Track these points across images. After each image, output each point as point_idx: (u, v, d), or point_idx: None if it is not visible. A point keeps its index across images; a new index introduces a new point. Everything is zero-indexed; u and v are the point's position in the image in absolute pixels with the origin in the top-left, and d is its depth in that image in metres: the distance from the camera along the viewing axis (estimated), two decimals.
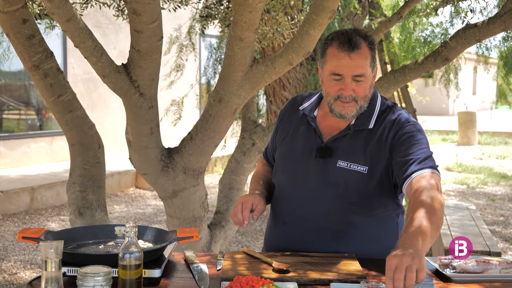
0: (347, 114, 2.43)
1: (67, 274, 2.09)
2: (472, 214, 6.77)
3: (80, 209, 4.08)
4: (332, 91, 2.42)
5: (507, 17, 3.46)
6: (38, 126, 11.27)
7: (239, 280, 2.00)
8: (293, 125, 2.64)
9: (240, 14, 3.48)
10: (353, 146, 2.46)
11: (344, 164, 2.44)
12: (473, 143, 18.37)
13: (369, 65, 2.39)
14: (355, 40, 2.36)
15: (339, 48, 2.36)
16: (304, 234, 2.52)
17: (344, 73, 2.36)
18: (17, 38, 3.72)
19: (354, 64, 2.35)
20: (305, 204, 2.51)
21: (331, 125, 2.52)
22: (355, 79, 2.37)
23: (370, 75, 2.41)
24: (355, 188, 2.44)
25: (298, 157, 2.55)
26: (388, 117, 2.48)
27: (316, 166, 2.49)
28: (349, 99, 2.39)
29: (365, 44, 2.38)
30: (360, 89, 2.39)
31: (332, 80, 2.40)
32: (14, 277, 5.76)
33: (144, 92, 3.71)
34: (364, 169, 2.42)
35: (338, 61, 2.36)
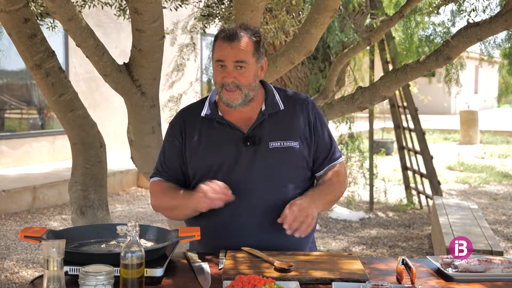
0: (232, 102, 2.55)
1: (69, 273, 2.09)
2: (474, 213, 6.76)
3: (82, 208, 4.08)
4: (218, 79, 2.56)
5: (509, 15, 3.46)
6: (40, 126, 11.28)
7: (241, 279, 2.00)
8: (202, 130, 2.65)
9: (241, 13, 3.48)
10: (277, 127, 2.62)
11: (276, 143, 2.59)
12: (475, 142, 18.35)
13: (251, 55, 2.54)
14: (237, 32, 2.54)
15: (223, 39, 2.54)
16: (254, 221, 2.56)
17: (225, 59, 2.52)
18: (19, 37, 3.72)
19: (234, 51, 2.51)
20: (252, 193, 2.55)
21: (240, 117, 2.63)
22: (236, 65, 2.52)
23: (254, 64, 2.56)
24: (294, 165, 2.62)
25: (227, 150, 2.59)
26: (289, 96, 2.71)
27: (249, 153, 2.58)
28: (233, 86, 2.53)
29: (247, 35, 2.55)
30: (242, 77, 2.53)
31: (217, 68, 2.55)
32: (16, 276, 5.77)
33: (145, 91, 3.71)
34: (296, 144, 2.60)
35: (221, 49, 2.54)
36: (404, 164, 9.60)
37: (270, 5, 5.16)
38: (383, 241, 7.22)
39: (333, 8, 3.66)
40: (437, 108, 29.11)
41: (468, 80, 28.96)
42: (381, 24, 5.23)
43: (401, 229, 7.88)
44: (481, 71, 31.50)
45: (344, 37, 7.28)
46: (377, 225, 8.06)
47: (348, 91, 8.68)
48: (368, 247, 6.98)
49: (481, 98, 33.59)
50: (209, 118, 2.64)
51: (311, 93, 7.76)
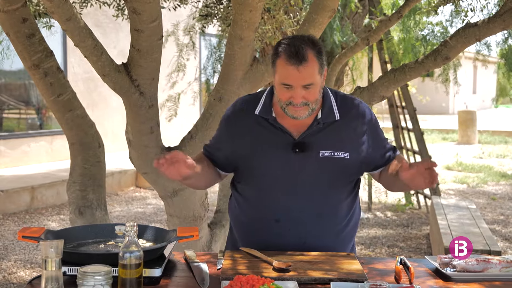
0: (299, 116, 2.51)
1: (67, 273, 2.09)
2: (472, 213, 6.77)
3: (80, 208, 4.08)
4: (283, 98, 2.49)
5: (507, 16, 3.46)
6: (38, 125, 11.27)
7: (239, 279, 2.00)
8: (253, 128, 2.62)
9: (240, 13, 3.48)
10: (330, 137, 2.58)
11: (327, 153, 2.56)
12: (473, 142, 18.36)
13: (317, 73, 2.47)
14: (302, 51, 2.42)
15: (287, 61, 2.43)
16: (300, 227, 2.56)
17: (293, 84, 2.44)
18: (17, 37, 3.72)
19: (302, 76, 2.43)
20: (297, 199, 2.55)
21: (294, 123, 2.58)
22: (304, 87, 2.45)
23: (319, 80, 2.49)
24: (341, 175, 2.59)
25: (276, 155, 2.57)
26: (350, 106, 2.66)
27: (298, 160, 2.55)
28: (301, 105, 2.48)
29: (312, 54, 2.45)
30: (310, 95, 2.48)
31: (283, 88, 2.47)
32: (14, 276, 5.77)
33: (144, 91, 3.71)
34: (346, 155, 2.56)
35: (286, 73, 2.44)
36: None
37: (268, 5, 5.16)
38: (381, 241, 7.23)
39: (331, 8, 3.66)
40: (435, 108, 29.13)
41: (467, 80, 28.97)
42: (380, 24, 5.24)
43: (400, 229, 7.88)
44: (479, 71, 31.51)
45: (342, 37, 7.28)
46: (375, 225, 8.06)
47: (347, 91, 8.69)
48: (367, 247, 6.98)
49: (479, 98, 33.61)
50: (261, 117, 2.61)
51: None
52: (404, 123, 9.36)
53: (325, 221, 2.58)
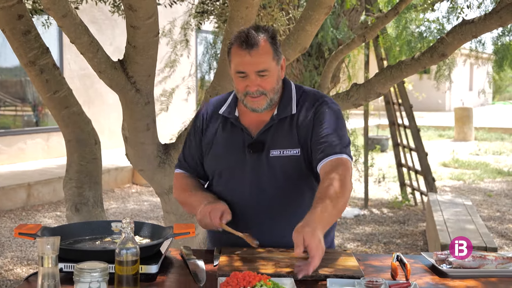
0: (258, 108, 2.50)
1: (63, 270, 2.09)
2: (469, 210, 6.78)
3: (77, 205, 4.07)
4: (240, 88, 2.49)
5: (503, 12, 3.46)
6: (35, 122, 11.25)
7: (235, 276, 1.99)
8: (218, 128, 2.65)
9: (236, 9, 3.48)
10: (281, 134, 2.53)
11: (276, 152, 2.51)
12: (469, 139, 18.39)
13: (272, 59, 2.45)
14: (253, 37, 2.42)
15: (239, 47, 2.43)
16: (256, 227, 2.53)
17: (246, 70, 2.43)
18: (13, 34, 3.71)
19: (254, 60, 2.41)
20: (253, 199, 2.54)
21: (254, 119, 2.57)
22: (259, 74, 2.43)
23: (275, 67, 2.47)
24: (293, 172, 2.52)
25: (231, 156, 2.58)
26: (307, 99, 2.57)
27: (252, 161, 2.54)
28: (257, 94, 2.46)
29: (264, 39, 2.44)
30: (266, 83, 2.46)
31: (238, 77, 2.47)
32: (10, 273, 5.76)
33: (140, 88, 3.70)
34: (297, 151, 2.50)
35: (239, 59, 2.43)
36: (399, 161, 9.61)
37: (264, 2, 5.16)
38: (377, 238, 7.24)
39: (328, 5, 3.66)
40: (432, 105, 29.16)
41: (463, 77, 28.99)
42: (376, 21, 5.23)
43: (396, 225, 7.89)
44: (475, 68, 31.55)
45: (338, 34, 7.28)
46: (372, 222, 8.07)
47: (343, 88, 8.70)
48: (363, 244, 6.99)
49: (475, 95, 33.64)
50: (226, 117, 2.62)
51: None
52: (400, 120, 9.37)
53: (286, 220, 2.48)
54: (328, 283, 2.03)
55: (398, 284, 2.02)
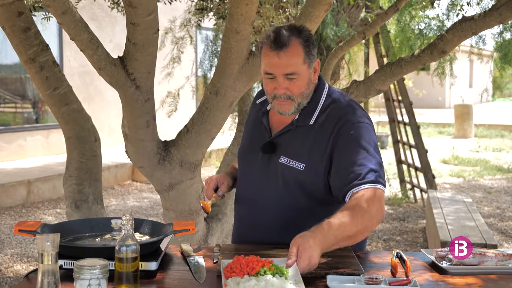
0: (285, 112, 2.42)
1: (63, 267, 2.09)
2: (468, 207, 6.78)
3: (77, 202, 4.08)
4: (269, 90, 2.41)
5: (503, 9, 3.46)
6: (34, 119, 11.25)
7: (239, 261, 2.00)
8: (252, 120, 2.68)
9: (236, 6, 3.47)
10: (294, 142, 2.45)
11: (284, 160, 2.44)
12: (469, 136, 18.38)
13: (302, 62, 2.35)
14: (284, 38, 2.32)
15: (269, 47, 2.35)
16: (254, 229, 2.56)
17: (274, 72, 2.35)
18: (13, 31, 3.71)
19: (282, 63, 2.32)
20: (253, 200, 2.55)
21: (279, 119, 2.52)
22: (287, 77, 2.35)
23: (305, 71, 2.38)
24: (295, 184, 2.43)
25: (248, 154, 2.60)
26: (331, 112, 2.43)
27: (262, 161, 2.51)
28: (284, 98, 2.38)
29: (296, 41, 2.34)
30: (294, 87, 2.37)
31: (267, 79, 2.40)
32: (10, 270, 5.77)
33: (140, 85, 3.70)
34: (301, 166, 2.40)
35: (268, 61, 2.35)
36: (399, 158, 9.62)
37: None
38: (377, 235, 7.24)
39: (328, 1, 3.65)
40: (431, 102, 29.16)
41: (463, 74, 28.98)
42: (376, 18, 5.23)
43: (396, 222, 7.89)
44: (475, 65, 31.54)
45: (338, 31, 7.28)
46: None
47: (343, 84, 8.69)
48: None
49: (475, 92, 33.64)
50: (260, 108, 2.62)
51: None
52: (400, 117, 9.37)
53: (280, 226, 2.46)
54: (328, 280, 2.03)
55: (398, 281, 2.02)
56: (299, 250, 2.02)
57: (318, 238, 2.07)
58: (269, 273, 1.96)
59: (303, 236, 2.07)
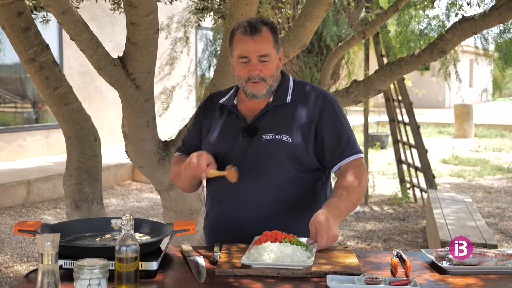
0: (258, 93, 2.61)
1: (63, 267, 2.09)
2: (469, 207, 6.78)
3: (77, 202, 4.07)
4: (242, 74, 2.60)
5: (503, 9, 3.46)
6: (34, 119, 11.25)
7: (265, 234, 2.30)
8: (215, 117, 2.76)
9: (236, 6, 3.48)
10: (275, 120, 2.63)
11: (268, 136, 2.61)
12: (469, 136, 18.38)
13: (272, 47, 2.59)
14: (256, 24, 2.57)
15: (243, 33, 2.57)
16: (241, 210, 2.62)
17: (250, 55, 2.56)
18: (13, 30, 3.71)
19: (257, 45, 2.56)
20: (240, 183, 2.57)
21: (250, 107, 2.69)
22: (260, 59, 2.56)
23: (275, 56, 2.61)
24: (281, 157, 2.59)
25: (226, 140, 2.67)
26: (304, 90, 2.70)
27: (243, 144, 2.63)
28: (258, 79, 2.58)
29: (266, 28, 2.58)
30: (266, 69, 2.58)
31: (240, 64, 2.59)
32: (10, 270, 5.77)
33: (140, 85, 3.70)
34: (288, 138, 2.59)
35: (243, 45, 2.57)
36: (399, 157, 9.62)
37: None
38: (377, 235, 7.24)
39: (328, 1, 3.66)
40: (431, 101, 29.15)
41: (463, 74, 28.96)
42: (376, 18, 5.23)
43: (396, 222, 7.89)
44: (475, 65, 31.53)
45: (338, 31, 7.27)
46: (371, 219, 8.08)
47: (343, 84, 8.69)
48: (363, 241, 6.99)
49: (475, 92, 33.64)
50: (224, 105, 2.74)
51: None
52: (400, 117, 9.37)
53: (265, 207, 2.60)
54: (328, 280, 2.03)
55: (398, 281, 2.02)
56: (318, 229, 2.35)
57: (333, 213, 2.42)
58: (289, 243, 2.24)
59: (318, 215, 2.39)
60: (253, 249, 2.23)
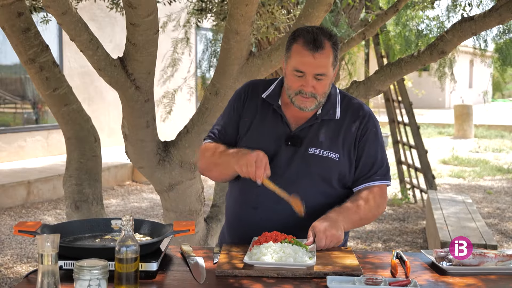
0: (306, 108, 2.52)
1: (63, 268, 2.09)
2: (468, 207, 6.78)
3: (77, 202, 4.08)
4: (294, 86, 2.50)
5: (503, 10, 3.46)
6: (34, 120, 11.25)
7: (265, 235, 2.31)
8: (257, 111, 2.65)
9: (236, 7, 3.48)
10: (323, 135, 2.57)
11: (316, 151, 2.55)
12: (469, 136, 18.38)
13: (331, 65, 2.48)
14: (320, 40, 2.44)
15: (304, 46, 2.44)
16: (277, 218, 2.55)
17: (306, 71, 2.45)
18: (13, 31, 3.71)
19: (317, 63, 2.44)
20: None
21: (296, 114, 2.60)
22: (316, 77, 2.46)
23: (331, 73, 2.51)
24: (327, 174, 2.57)
25: (268, 144, 2.58)
26: (353, 106, 2.64)
27: (287, 153, 2.56)
28: (309, 95, 2.48)
29: (329, 44, 2.46)
30: (320, 87, 2.48)
31: (294, 76, 2.48)
32: (10, 271, 5.76)
33: (140, 86, 3.70)
34: (336, 156, 2.55)
35: (302, 59, 2.44)
36: (398, 158, 9.62)
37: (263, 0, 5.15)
38: (377, 235, 7.24)
39: (327, 2, 3.66)
40: (431, 102, 29.15)
41: (463, 75, 28.97)
42: (376, 18, 5.23)
43: (396, 223, 7.89)
44: (475, 66, 31.53)
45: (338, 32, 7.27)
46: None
47: (343, 85, 8.69)
48: (363, 241, 6.99)
49: (475, 93, 33.65)
50: (267, 102, 2.64)
51: None
52: (400, 118, 9.37)
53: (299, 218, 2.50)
54: (328, 281, 2.03)
55: (398, 282, 2.02)
56: (314, 231, 2.37)
57: (332, 218, 2.43)
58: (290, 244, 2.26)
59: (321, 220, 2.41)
60: (254, 249, 2.24)
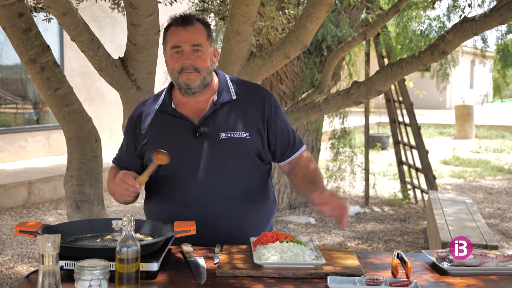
0: (192, 83, 2.59)
1: (64, 268, 2.09)
2: (469, 208, 6.78)
3: (77, 202, 4.07)
4: (175, 66, 2.60)
5: (504, 10, 3.46)
6: (35, 120, 11.25)
7: (265, 234, 2.33)
8: (155, 123, 2.71)
9: (237, 7, 3.48)
10: (229, 118, 2.65)
11: (227, 135, 2.62)
12: (470, 137, 18.38)
13: (205, 39, 2.62)
14: (189, 17, 2.63)
15: (175, 24, 2.62)
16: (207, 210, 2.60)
17: (182, 43, 2.58)
18: (14, 31, 3.71)
19: (189, 34, 2.58)
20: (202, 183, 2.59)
21: (193, 108, 2.67)
22: (193, 48, 2.58)
23: (208, 48, 2.63)
24: (245, 154, 2.65)
25: (178, 145, 2.62)
26: (246, 86, 2.75)
27: (200, 145, 2.61)
28: (191, 69, 2.58)
29: (198, 22, 2.63)
30: (199, 60, 2.59)
31: (173, 55, 2.60)
32: (11, 271, 5.77)
33: (141, 86, 3.70)
34: (247, 134, 2.63)
35: (176, 35, 2.60)
36: (399, 158, 9.61)
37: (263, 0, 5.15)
38: (378, 236, 7.24)
39: (328, 2, 3.66)
40: (432, 102, 29.15)
41: (464, 75, 28.96)
42: (377, 19, 5.23)
43: (397, 223, 7.89)
44: (476, 66, 31.52)
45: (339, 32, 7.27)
46: (372, 220, 8.07)
47: (344, 85, 8.69)
48: (364, 242, 6.99)
49: (476, 93, 33.64)
50: (162, 110, 2.70)
51: (306, 87, 7.76)
52: (401, 118, 9.37)
53: (232, 203, 2.62)
54: (329, 281, 2.03)
55: (399, 282, 2.02)
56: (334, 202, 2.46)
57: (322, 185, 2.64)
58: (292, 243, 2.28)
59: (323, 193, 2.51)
60: (260, 249, 2.25)
